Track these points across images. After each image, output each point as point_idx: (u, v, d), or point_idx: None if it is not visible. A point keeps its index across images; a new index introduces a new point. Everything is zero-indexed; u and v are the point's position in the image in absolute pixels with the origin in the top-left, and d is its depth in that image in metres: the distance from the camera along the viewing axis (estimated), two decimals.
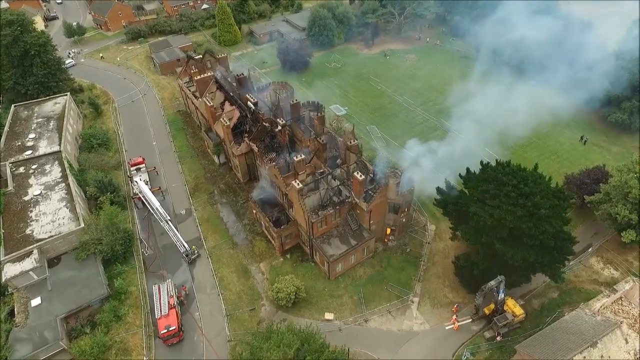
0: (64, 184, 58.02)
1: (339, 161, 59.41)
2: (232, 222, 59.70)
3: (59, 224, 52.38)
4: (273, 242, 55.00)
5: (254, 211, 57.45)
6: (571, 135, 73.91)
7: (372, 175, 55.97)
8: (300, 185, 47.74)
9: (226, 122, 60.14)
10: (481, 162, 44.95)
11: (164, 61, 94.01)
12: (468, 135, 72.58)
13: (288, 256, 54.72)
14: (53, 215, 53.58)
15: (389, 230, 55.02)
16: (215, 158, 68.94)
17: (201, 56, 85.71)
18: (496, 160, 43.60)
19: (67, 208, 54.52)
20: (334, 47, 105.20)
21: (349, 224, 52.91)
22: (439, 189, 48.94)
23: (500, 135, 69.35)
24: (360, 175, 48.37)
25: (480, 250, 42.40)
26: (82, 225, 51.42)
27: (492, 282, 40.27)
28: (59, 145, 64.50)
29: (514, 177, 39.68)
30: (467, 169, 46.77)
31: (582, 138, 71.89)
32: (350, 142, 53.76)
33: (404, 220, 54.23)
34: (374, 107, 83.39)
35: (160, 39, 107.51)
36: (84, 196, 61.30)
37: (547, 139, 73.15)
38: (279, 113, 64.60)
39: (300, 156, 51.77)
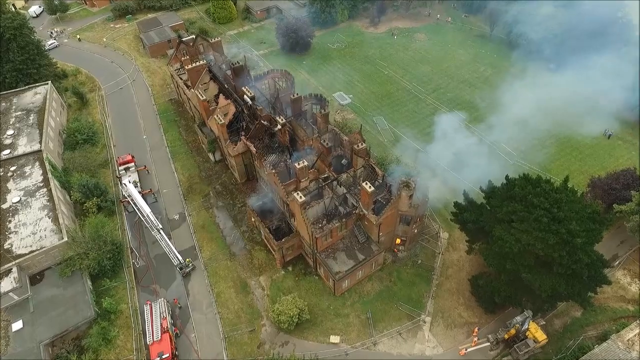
0: (45, 190, 53.34)
1: (344, 161, 54.55)
2: (229, 229, 55.45)
3: (40, 237, 48.12)
4: (273, 252, 50.95)
5: (253, 219, 53.07)
6: (594, 127, 68.16)
7: (381, 181, 51.33)
8: (303, 198, 43.05)
9: (220, 120, 54.70)
10: (506, 177, 40.10)
11: (153, 42, 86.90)
12: (482, 128, 67.47)
13: (290, 268, 50.80)
14: (34, 226, 49.23)
15: (398, 240, 50.89)
16: (211, 155, 63.88)
17: (193, 37, 79.09)
18: (524, 175, 38.75)
19: (49, 218, 50.08)
20: (337, 25, 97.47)
21: (356, 236, 48.68)
22: (456, 204, 44.28)
23: (517, 128, 64.06)
24: (370, 187, 43.58)
25: (503, 277, 38.24)
26: (66, 239, 47.17)
27: (519, 318, 36.48)
28: (40, 143, 59.33)
29: (546, 198, 34.99)
30: (489, 182, 41.97)
31: (605, 132, 66.45)
32: (358, 146, 48.63)
33: (415, 231, 49.96)
34: (381, 95, 77.34)
35: (149, 16, 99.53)
36: (68, 199, 56.80)
37: (568, 132, 67.50)
38: (279, 107, 59.14)
39: (303, 162, 46.80)
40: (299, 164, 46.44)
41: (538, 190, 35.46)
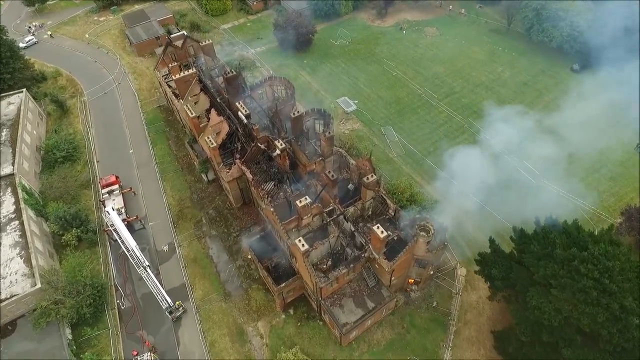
0: (17, 222, 47.83)
1: (350, 186, 48.84)
2: (223, 263, 50.24)
3: (11, 282, 42.96)
4: (273, 293, 45.90)
5: (250, 256, 47.78)
6: (623, 140, 61.97)
7: (393, 214, 45.82)
8: (306, 246, 37.51)
9: (212, 143, 48.62)
10: (543, 229, 34.49)
11: (140, 40, 79.57)
12: (499, 141, 61.16)
13: (291, 311, 45.84)
14: (3, 268, 44.00)
15: (411, 280, 45.79)
16: (203, 176, 58.03)
17: (184, 32, 72.29)
18: (565, 229, 33.18)
19: (21, 258, 44.75)
20: (341, 17, 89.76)
21: (365, 279, 43.52)
22: (481, 255, 38.85)
23: (539, 141, 58.14)
24: (382, 232, 38.00)
25: (538, 348, 33.20)
26: (39, 285, 41.97)
27: None
28: (13, 165, 53.44)
29: (594, 265, 29.51)
30: (521, 230, 36.42)
31: (638, 146, 60.35)
32: (368, 178, 42.70)
33: (431, 272, 44.78)
34: (389, 101, 70.76)
35: (136, 7, 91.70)
36: (46, 229, 51.36)
37: (596, 147, 61.03)
38: (278, 123, 52.89)
39: (305, 199, 41.04)
40: (300, 202, 40.72)
41: (585, 254, 29.88)
